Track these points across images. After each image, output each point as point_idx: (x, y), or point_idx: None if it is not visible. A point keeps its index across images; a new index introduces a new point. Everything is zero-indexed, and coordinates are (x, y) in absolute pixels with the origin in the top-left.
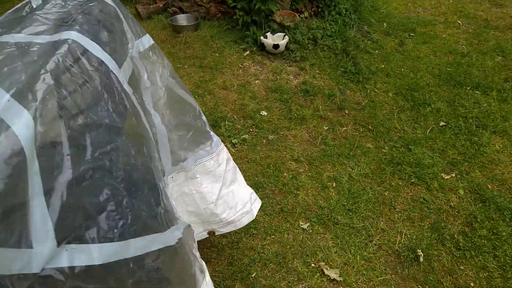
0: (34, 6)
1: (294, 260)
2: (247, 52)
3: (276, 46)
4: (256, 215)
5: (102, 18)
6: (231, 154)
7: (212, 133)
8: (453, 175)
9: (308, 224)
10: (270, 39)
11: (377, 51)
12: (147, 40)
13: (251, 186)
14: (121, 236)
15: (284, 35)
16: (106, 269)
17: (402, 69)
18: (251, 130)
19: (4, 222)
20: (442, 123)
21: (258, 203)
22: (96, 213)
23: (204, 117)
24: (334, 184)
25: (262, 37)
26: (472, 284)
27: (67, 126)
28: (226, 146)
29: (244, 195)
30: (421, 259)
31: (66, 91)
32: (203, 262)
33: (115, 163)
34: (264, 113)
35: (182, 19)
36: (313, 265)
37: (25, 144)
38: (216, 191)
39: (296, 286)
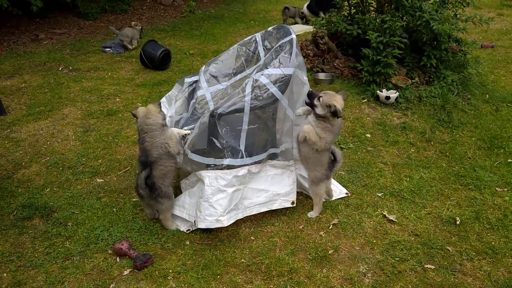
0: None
1: (367, 207)
2: (365, 100)
3: (387, 98)
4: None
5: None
6: None
7: None
8: (506, 189)
9: (382, 194)
10: (384, 93)
11: (472, 112)
12: None
13: (347, 171)
14: None
15: (396, 92)
16: None
17: (491, 125)
18: (356, 143)
19: None
20: (510, 160)
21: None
22: None
23: None
24: (408, 179)
25: (378, 91)
26: (493, 242)
27: None
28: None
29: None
30: (458, 222)
31: None
32: None
33: None
34: (368, 135)
35: (322, 76)
36: (379, 211)
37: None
38: None
39: (366, 219)
